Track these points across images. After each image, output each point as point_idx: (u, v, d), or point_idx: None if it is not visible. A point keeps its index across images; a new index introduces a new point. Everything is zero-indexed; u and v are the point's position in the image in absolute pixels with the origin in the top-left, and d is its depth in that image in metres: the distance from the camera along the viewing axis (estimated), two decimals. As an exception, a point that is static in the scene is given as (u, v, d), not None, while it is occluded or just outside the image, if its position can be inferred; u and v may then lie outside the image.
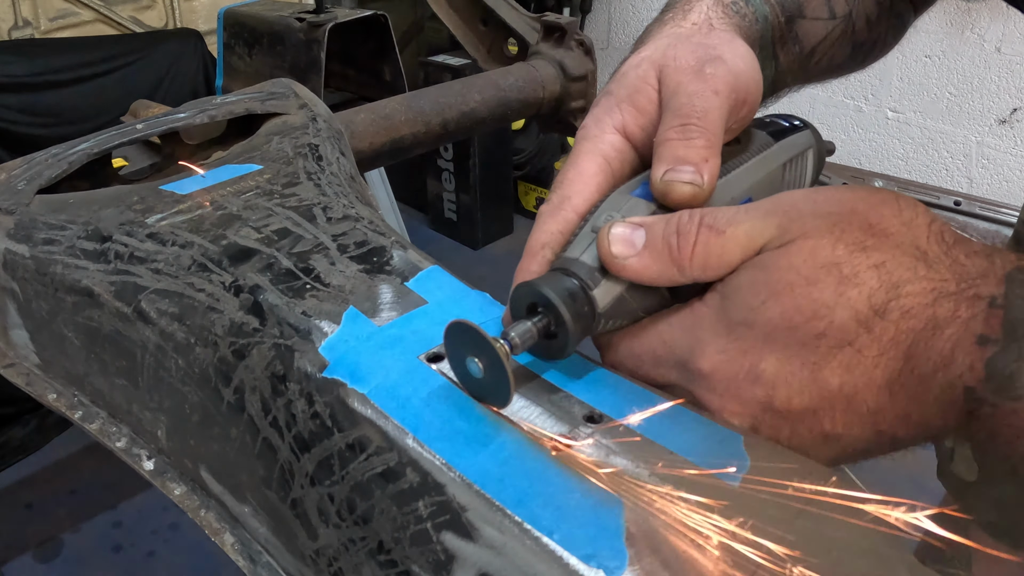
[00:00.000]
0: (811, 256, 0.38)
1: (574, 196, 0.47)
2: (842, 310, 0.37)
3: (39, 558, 1.99)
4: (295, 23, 1.51)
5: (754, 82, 0.50)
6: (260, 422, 0.46)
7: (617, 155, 0.49)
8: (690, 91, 0.47)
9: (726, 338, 0.40)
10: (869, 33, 0.70)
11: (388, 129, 1.01)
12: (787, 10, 0.63)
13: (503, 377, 0.38)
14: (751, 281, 0.39)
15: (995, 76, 2.69)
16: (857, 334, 0.37)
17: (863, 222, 0.38)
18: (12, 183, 0.66)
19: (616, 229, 0.42)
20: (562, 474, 0.36)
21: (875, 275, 0.37)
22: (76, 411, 0.61)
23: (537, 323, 0.40)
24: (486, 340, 0.37)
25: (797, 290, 0.38)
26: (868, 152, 3.04)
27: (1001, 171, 2.77)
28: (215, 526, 0.52)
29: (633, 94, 0.50)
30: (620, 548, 0.33)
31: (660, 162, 0.45)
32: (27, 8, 2.24)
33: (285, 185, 0.63)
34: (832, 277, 0.37)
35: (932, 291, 0.36)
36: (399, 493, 0.38)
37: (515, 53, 1.38)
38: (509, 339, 0.39)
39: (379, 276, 0.51)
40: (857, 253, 0.38)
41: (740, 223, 0.40)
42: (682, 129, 0.45)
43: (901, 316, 0.37)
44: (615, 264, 0.41)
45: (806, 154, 0.56)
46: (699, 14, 0.55)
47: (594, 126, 0.50)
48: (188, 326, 0.51)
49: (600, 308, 0.41)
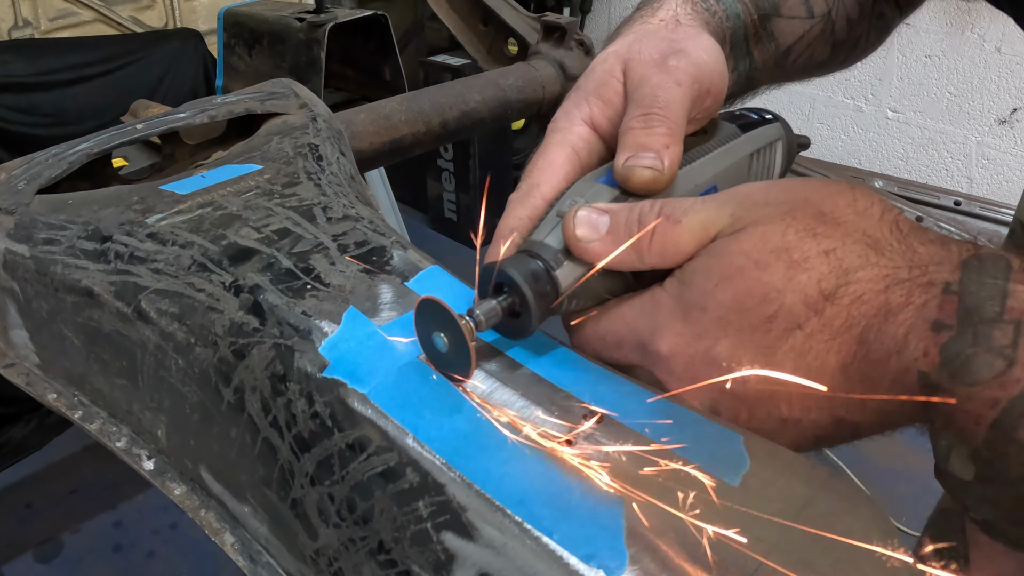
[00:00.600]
0: (761, 241, 0.39)
1: (543, 184, 0.48)
2: (791, 294, 0.38)
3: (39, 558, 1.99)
4: (295, 23, 1.51)
5: (717, 74, 0.51)
6: (260, 422, 0.46)
7: (585, 145, 0.51)
8: (653, 83, 0.48)
9: (682, 322, 0.41)
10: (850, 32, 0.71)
11: (388, 129, 1.01)
12: (760, 8, 0.64)
13: (465, 351, 0.40)
14: (704, 266, 0.41)
15: (995, 76, 2.69)
16: (807, 318, 0.38)
17: (815, 210, 0.39)
18: (12, 183, 0.66)
19: (581, 213, 0.43)
20: (562, 474, 0.36)
21: (825, 261, 0.38)
22: (76, 411, 0.61)
23: (502, 302, 0.42)
24: (451, 316, 0.39)
25: (747, 274, 0.39)
26: (868, 152, 3.04)
27: (1001, 171, 2.77)
28: (215, 526, 0.52)
29: (600, 87, 0.52)
30: (620, 548, 0.33)
31: (623, 150, 0.46)
32: (27, 8, 2.24)
33: (285, 185, 0.63)
34: (781, 262, 0.38)
35: (884, 277, 0.37)
36: (399, 493, 0.38)
37: (515, 53, 1.38)
38: (474, 316, 0.41)
39: (379, 276, 0.51)
40: (807, 239, 0.38)
41: (696, 213, 0.41)
42: (644, 118, 0.47)
43: (852, 302, 0.37)
44: (578, 247, 0.43)
45: (774, 145, 0.57)
46: (667, 11, 0.57)
47: (563, 118, 0.52)
48: (188, 326, 0.51)
49: (562, 288, 0.43)
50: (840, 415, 0.39)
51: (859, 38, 0.73)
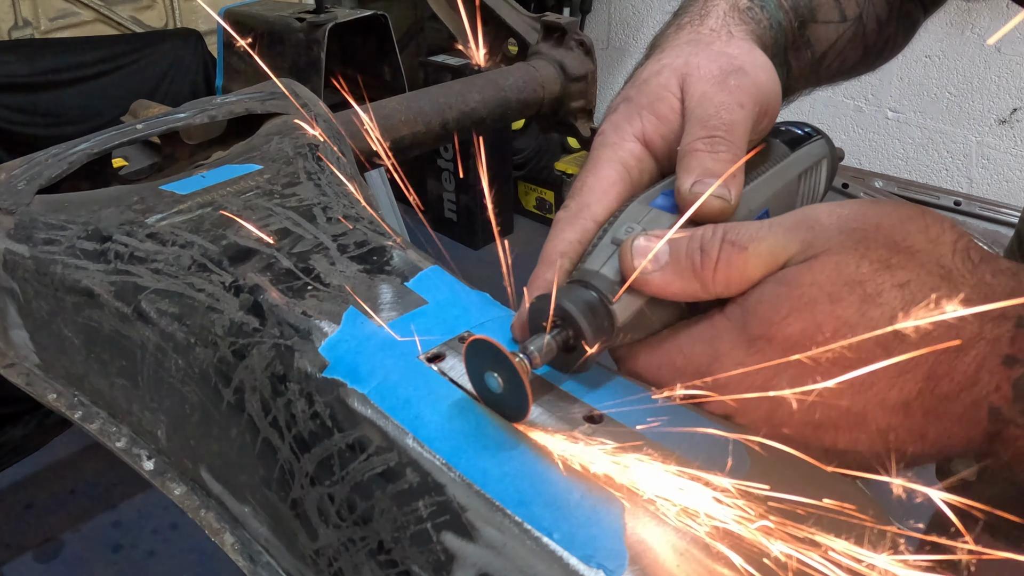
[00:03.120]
0: (835, 273, 0.37)
1: (593, 204, 0.46)
2: (864, 330, 0.36)
3: (39, 558, 1.99)
4: (295, 23, 1.51)
5: (774, 94, 0.50)
6: (260, 422, 0.46)
7: (636, 163, 0.48)
8: (716, 102, 0.46)
9: (745, 351, 0.39)
10: (880, 34, 0.70)
11: (388, 129, 1.01)
12: (800, 15, 0.62)
13: (522, 392, 0.37)
14: (773, 295, 0.39)
15: (995, 76, 2.69)
16: (875, 355, 0.36)
17: (888, 239, 0.38)
18: (12, 183, 0.66)
19: (639, 242, 0.41)
20: (562, 474, 0.36)
21: (899, 295, 0.37)
22: (76, 411, 0.61)
23: (556, 336, 0.40)
24: (506, 356, 0.37)
25: (819, 307, 0.37)
26: (868, 152, 3.04)
27: (1001, 171, 2.77)
28: (215, 526, 0.52)
29: (654, 102, 0.49)
30: (620, 548, 0.33)
31: (687, 172, 0.44)
32: (27, 8, 2.24)
33: (285, 185, 0.63)
34: (856, 295, 0.37)
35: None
36: (399, 493, 0.38)
37: (515, 53, 1.38)
38: (529, 354, 0.39)
39: (379, 276, 0.51)
40: (882, 271, 0.37)
41: (763, 239, 0.39)
42: (710, 141, 0.44)
43: (922, 337, 0.36)
44: (637, 278, 0.41)
45: (821, 164, 0.55)
46: (716, 19, 0.55)
47: (613, 133, 0.49)
48: (188, 326, 0.51)
49: (620, 322, 0.41)
50: (896, 447, 0.38)
51: (888, 39, 0.72)
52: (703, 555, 0.32)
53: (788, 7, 0.61)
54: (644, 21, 3.51)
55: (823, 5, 0.64)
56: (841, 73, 0.70)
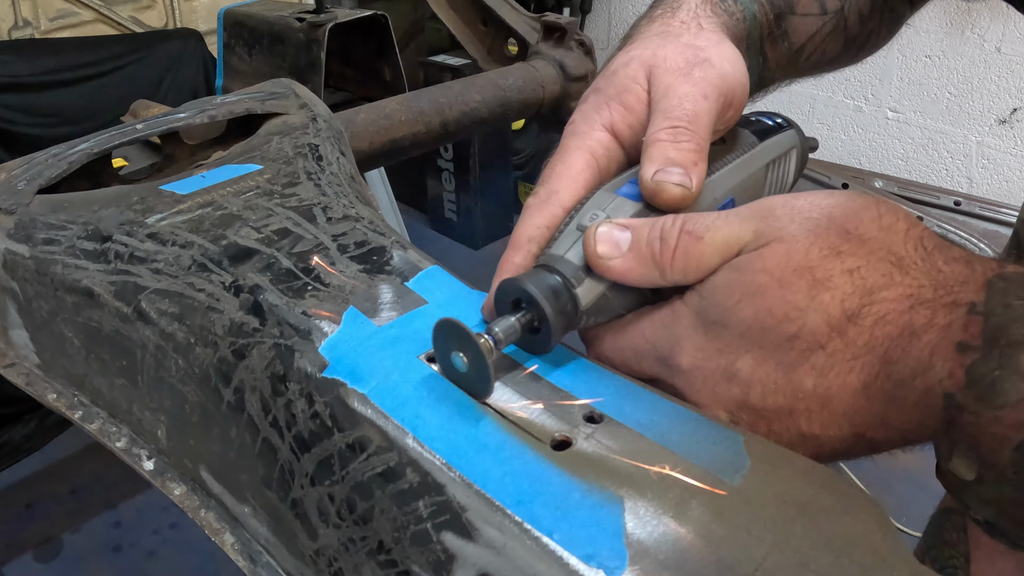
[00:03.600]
0: (785, 259, 0.38)
1: (561, 191, 0.47)
2: (814, 314, 0.38)
3: (39, 558, 1.99)
4: (295, 23, 1.51)
5: (740, 85, 0.51)
6: (260, 422, 0.46)
7: (604, 152, 0.49)
8: (680, 93, 0.47)
9: (703, 336, 0.41)
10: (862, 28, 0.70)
11: (388, 129, 1.01)
12: (776, 7, 0.63)
13: (485, 370, 0.39)
14: (727, 282, 0.40)
15: (995, 76, 2.69)
16: (829, 338, 0.37)
17: (839, 227, 0.39)
18: (12, 183, 0.66)
19: (602, 229, 0.43)
20: (562, 474, 0.36)
21: (848, 280, 0.37)
22: (76, 411, 0.61)
23: (520, 318, 0.42)
24: (470, 336, 0.39)
25: (769, 292, 0.38)
26: (868, 152, 3.04)
27: (1001, 171, 2.77)
28: (215, 526, 0.52)
29: (622, 92, 0.50)
30: (620, 548, 0.33)
31: (650, 162, 0.45)
32: (27, 8, 2.24)
33: (285, 185, 0.63)
34: (804, 280, 0.38)
35: (908, 297, 0.37)
36: (399, 493, 0.38)
37: (515, 53, 1.38)
38: (493, 334, 0.40)
39: (379, 276, 0.51)
40: (831, 258, 0.38)
41: (718, 229, 0.41)
42: (672, 132, 0.46)
43: (875, 322, 0.37)
44: (600, 264, 0.42)
45: (790, 154, 0.57)
46: (687, 12, 0.56)
47: (582, 122, 0.51)
48: (188, 326, 0.51)
49: (583, 306, 0.43)
50: (861, 431, 0.39)
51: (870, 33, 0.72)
52: (703, 555, 0.32)
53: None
54: (644, 21, 3.51)
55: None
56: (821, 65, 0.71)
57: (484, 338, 0.39)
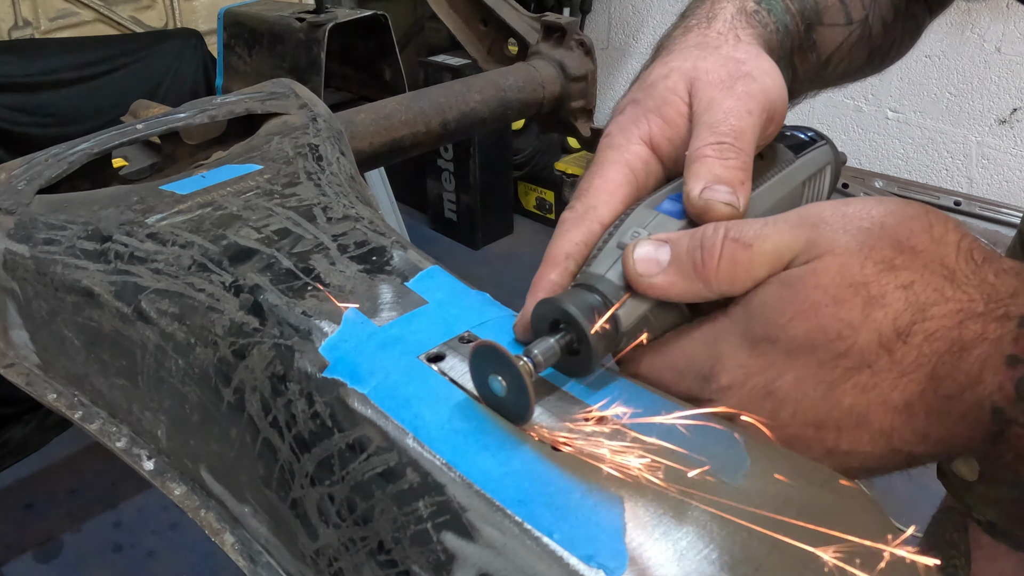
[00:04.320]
0: (839, 275, 0.37)
1: (599, 206, 0.46)
2: (867, 332, 0.37)
3: (39, 558, 1.99)
4: (295, 23, 1.51)
5: (781, 100, 0.50)
6: (260, 422, 0.46)
7: (643, 166, 0.48)
8: (725, 108, 0.46)
9: (747, 353, 0.40)
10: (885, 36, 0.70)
11: (388, 129, 1.01)
12: (806, 18, 0.62)
13: (524, 395, 0.38)
14: (778, 298, 0.39)
15: (995, 76, 2.69)
16: (878, 356, 0.37)
17: (892, 238, 0.38)
18: (12, 183, 0.66)
19: (640, 249, 0.41)
20: (562, 474, 0.36)
21: (902, 296, 0.37)
22: (76, 411, 0.61)
23: (560, 340, 0.40)
24: (510, 360, 0.37)
25: (823, 310, 0.37)
26: (868, 152, 3.04)
27: (1001, 171, 2.77)
28: (215, 526, 0.52)
29: (661, 105, 0.49)
30: (620, 548, 0.33)
31: (696, 178, 0.44)
32: (27, 8, 2.24)
33: (285, 185, 0.63)
34: (859, 297, 0.37)
35: (959, 312, 0.36)
36: (399, 493, 0.38)
37: (515, 53, 1.38)
38: (532, 357, 0.39)
39: (379, 276, 0.51)
40: (886, 272, 0.37)
41: (767, 237, 0.39)
42: (719, 148, 0.44)
43: (925, 339, 0.36)
44: (641, 283, 0.41)
45: (824, 170, 0.55)
46: (723, 23, 0.55)
47: (620, 135, 0.49)
48: (188, 326, 0.51)
49: (624, 327, 0.41)
50: (898, 447, 0.38)
51: (894, 41, 0.72)
52: (704, 555, 0.32)
53: (795, 10, 0.61)
54: (644, 21, 3.51)
55: (829, 8, 0.64)
56: (847, 76, 0.70)
57: (523, 360, 0.38)
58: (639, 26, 3.53)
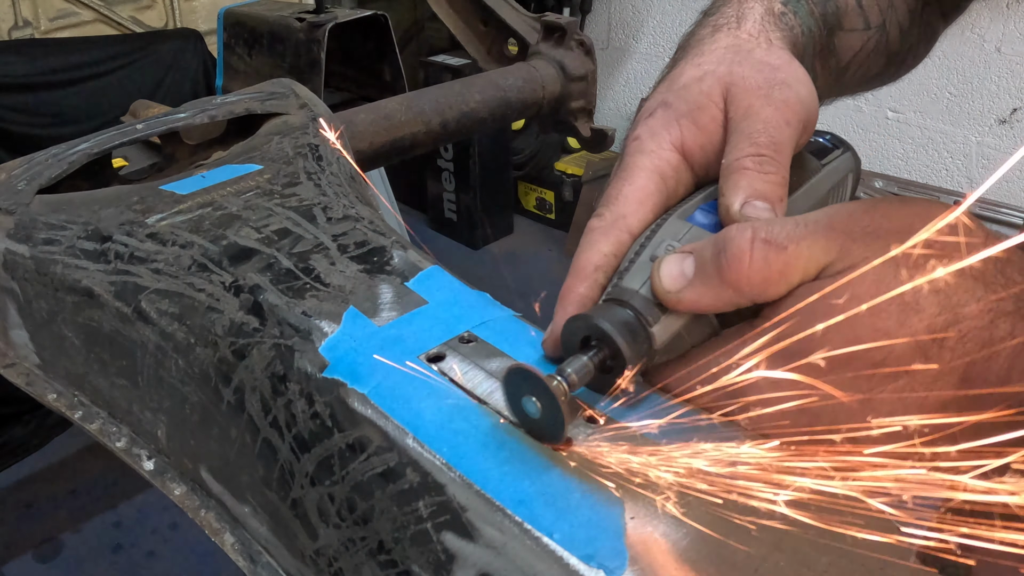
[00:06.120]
0: (874, 285, 0.37)
1: (629, 215, 0.45)
2: (903, 338, 0.36)
3: (39, 558, 1.99)
4: (295, 23, 1.51)
5: (815, 109, 0.48)
6: (260, 422, 0.46)
7: (673, 173, 0.47)
8: (763, 118, 0.45)
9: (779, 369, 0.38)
10: (902, 43, 0.69)
11: (388, 129, 1.01)
12: (828, 23, 0.61)
13: (558, 415, 0.37)
14: (810, 310, 0.37)
15: (995, 76, 2.69)
16: (913, 361, 0.36)
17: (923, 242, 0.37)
18: (12, 183, 0.66)
19: (666, 265, 0.40)
20: (562, 474, 0.36)
21: (936, 300, 0.36)
22: (76, 411, 0.61)
23: (593, 358, 0.39)
24: (543, 381, 0.36)
25: (859, 321, 0.36)
26: (868, 152, 3.04)
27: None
28: (215, 526, 0.52)
29: (695, 110, 0.48)
30: (620, 548, 0.33)
31: (735, 191, 0.43)
32: (27, 8, 2.24)
33: (285, 185, 0.63)
34: (894, 305, 0.36)
35: (990, 311, 0.36)
36: (399, 493, 0.38)
37: (515, 53, 1.38)
38: (566, 376, 0.38)
39: (379, 276, 0.51)
40: (918, 277, 0.36)
41: (802, 240, 0.38)
42: (758, 160, 0.43)
43: (958, 341, 0.36)
44: (669, 300, 0.40)
45: (847, 178, 0.54)
46: (753, 24, 0.53)
47: (650, 140, 0.48)
48: (188, 326, 0.51)
49: (657, 344, 0.40)
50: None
51: (910, 48, 0.71)
52: (704, 555, 0.32)
53: (818, 14, 0.60)
54: (644, 21, 3.51)
55: (848, 13, 0.63)
56: (863, 83, 0.69)
57: (557, 380, 0.37)
58: (639, 26, 3.53)
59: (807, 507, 0.34)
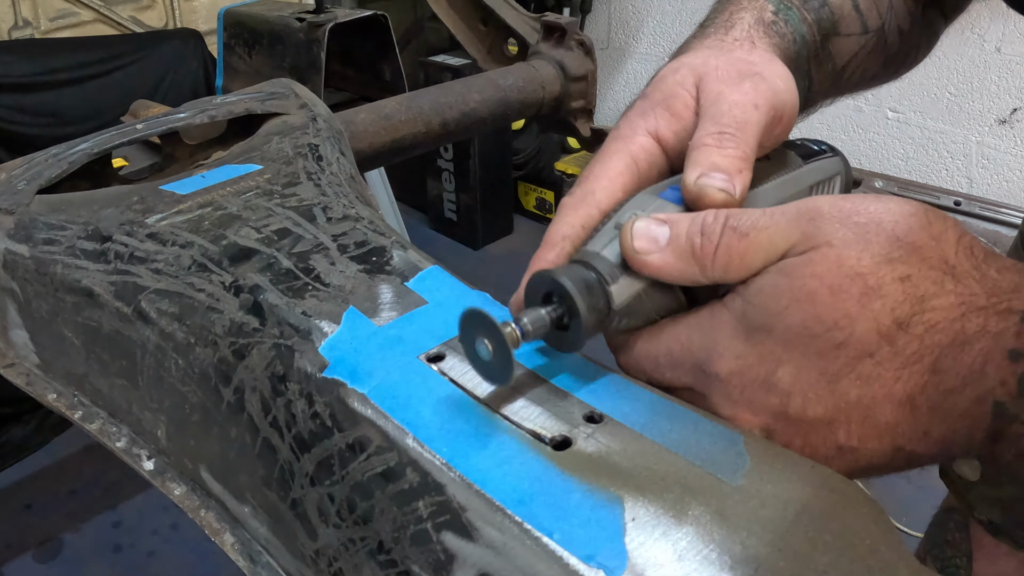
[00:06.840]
0: (836, 265, 0.37)
1: (598, 191, 0.46)
2: (864, 322, 0.37)
3: (39, 558, 1.99)
4: (295, 23, 1.51)
5: (791, 102, 0.50)
6: (260, 422, 0.46)
7: (646, 157, 0.48)
8: (730, 101, 0.46)
9: (744, 343, 0.39)
10: (901, 44, 0.69)
11: (388, 129, 1.01)
12: (823, 29, 0.62)
13: (507, 359, 0.38)
14: (773, 286, 0.39)
15: (995, 76, 2.69)
16: (878, 346, 0.37)
17: (890, 233, 0.38)
18: (12, 183, 0.66)
19: (639, 224, 0.41)
20: (562, 474, 0.36)
21: (900, 288, 0.37)
22: (76, 411, 0.61)
23: (551, 312, 0.40)
24: (495, 324, 0.38)
25: (820, 298, 0.37)
26: (868, 152, 3.04)
27: (1001, 171, 2.77)
28: (215, 526, 0.52)
29: (669, 98, 0.49)
30: (620, 548, 0.33)
31: (694, 166, 0.44)
32: (27, 8, 2.24)
33: (285, 185, 0.63)
34: (856, 287, 0.37)
35: (960, 305, 0.36)
36: (399, 493, 0.38)
37: (515, 53, 1.38)
38: (521, 324, 0.39)
39: (379, 276, 0.51)
40: (883, 264, 0.37)
41: (764, 227, 0.39)
42: (719, 137, 0.45)
43: (926, 331, 0.36)
44: (636, 259, 0.41)
45: (834, 180, 0.55)
46: (741, 31, 0.55)
47: (626, 127, 0.49)
48: (188, 326, 0.51)
49: (616, 305, 0.41)
50: (900, 444, 0.38)
51: (910, 49, 0.72)
52: (704, 555, 0.32)
53: (812, 20, 0.61)
54: (644, 21, 3.51)
55: (845, 17, 0.64)
56: (861, 83, 0.70)
57: (511, 327, 0.38)
58: (639, 26, 3.53)
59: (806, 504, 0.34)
